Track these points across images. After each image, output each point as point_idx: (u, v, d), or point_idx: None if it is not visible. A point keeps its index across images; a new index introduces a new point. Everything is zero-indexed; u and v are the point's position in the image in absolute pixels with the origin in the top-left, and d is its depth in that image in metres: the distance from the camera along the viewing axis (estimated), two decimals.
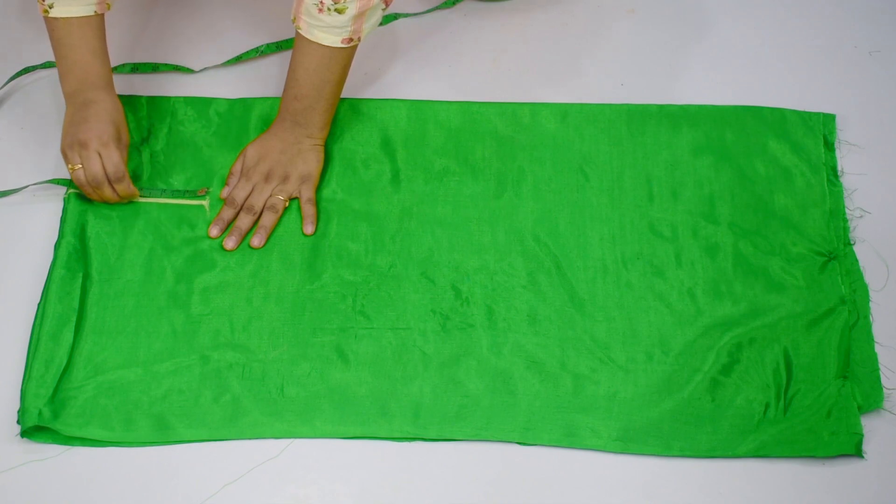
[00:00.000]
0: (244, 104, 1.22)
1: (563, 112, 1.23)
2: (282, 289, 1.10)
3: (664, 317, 1.10)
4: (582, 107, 1.24)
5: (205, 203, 1.15)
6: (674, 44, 1.32)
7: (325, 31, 1.07)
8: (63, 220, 1.12)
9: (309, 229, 1.13)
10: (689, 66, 1.30)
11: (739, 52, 1.31)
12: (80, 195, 1.13)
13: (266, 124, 1.20)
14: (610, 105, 1.24)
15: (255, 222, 1.14)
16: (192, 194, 1.16)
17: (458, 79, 1.27)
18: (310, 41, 1.08)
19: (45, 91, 1.24)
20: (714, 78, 1.28)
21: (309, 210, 1.14)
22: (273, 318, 1.08)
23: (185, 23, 1.31)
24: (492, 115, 1.23)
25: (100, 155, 1.09)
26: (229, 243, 1.12)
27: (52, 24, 1.09)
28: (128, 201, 1.13)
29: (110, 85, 1.13)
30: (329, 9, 1.05)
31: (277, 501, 0.99)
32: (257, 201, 1.14)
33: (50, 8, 1.07)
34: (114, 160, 1.09)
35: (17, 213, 1.14)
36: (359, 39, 1.09)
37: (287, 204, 1.14)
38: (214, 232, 1.13)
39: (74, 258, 1.09)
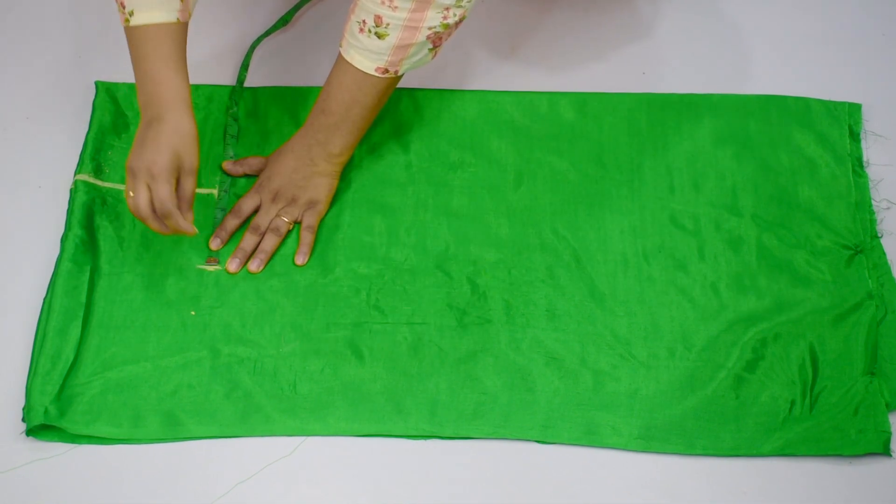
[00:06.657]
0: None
1: (582, 101, 1.21)
2: (293, 282, 1.08)
3: (686, 312, 1.08)
4: (601, 96, 1.22)
5: (214, 192, 1.14)
6: (696, 32, 1.30)
7: (362, 55, 1.03)
8: (70, 212, 1.10)
9: (300, 259, 1.10)
10: (712, 54, 1.28)
11: (763, 39, 1.30)
12: (87, 185, 1.11)
13: (262, 119, 1.19)
14: (630, 94, 1.22)
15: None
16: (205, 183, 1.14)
17: (474, 67, 1.25)
18: (346, 60, 1.04)
19: (46, 85, 1.23)
20: (737, 66, 1.27)
21: (307, 238, 1.11)
22: (285, 313, 1.06)
23: None
24: (508, 105, 1.21)
25: (149, 187, 0.98)
26: (232, 266, 1.09)
27: (130, 33, 1.00)
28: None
29: (182, 102, 1.00)
30: (370, 31, 1.00)
31: (290, 501, 0.97)
32: (263, 221, 1.10)
33: (130, 16, 0.98)
34: (161, 195, 0.98)
35: (22, 205, 1.13)
36: (395, 73, 1.04)
37: (291, 227, 1.11)
38: (215, 244, 1.10)
39: (81, 251, 1.07)
